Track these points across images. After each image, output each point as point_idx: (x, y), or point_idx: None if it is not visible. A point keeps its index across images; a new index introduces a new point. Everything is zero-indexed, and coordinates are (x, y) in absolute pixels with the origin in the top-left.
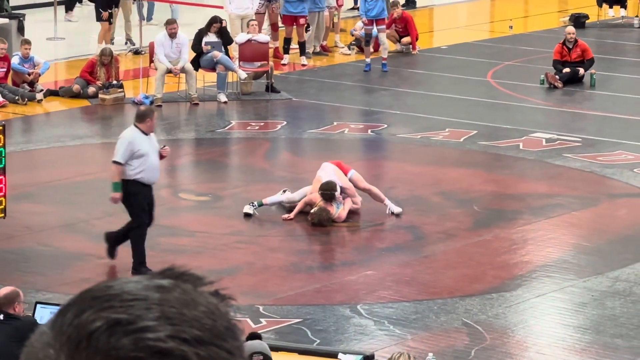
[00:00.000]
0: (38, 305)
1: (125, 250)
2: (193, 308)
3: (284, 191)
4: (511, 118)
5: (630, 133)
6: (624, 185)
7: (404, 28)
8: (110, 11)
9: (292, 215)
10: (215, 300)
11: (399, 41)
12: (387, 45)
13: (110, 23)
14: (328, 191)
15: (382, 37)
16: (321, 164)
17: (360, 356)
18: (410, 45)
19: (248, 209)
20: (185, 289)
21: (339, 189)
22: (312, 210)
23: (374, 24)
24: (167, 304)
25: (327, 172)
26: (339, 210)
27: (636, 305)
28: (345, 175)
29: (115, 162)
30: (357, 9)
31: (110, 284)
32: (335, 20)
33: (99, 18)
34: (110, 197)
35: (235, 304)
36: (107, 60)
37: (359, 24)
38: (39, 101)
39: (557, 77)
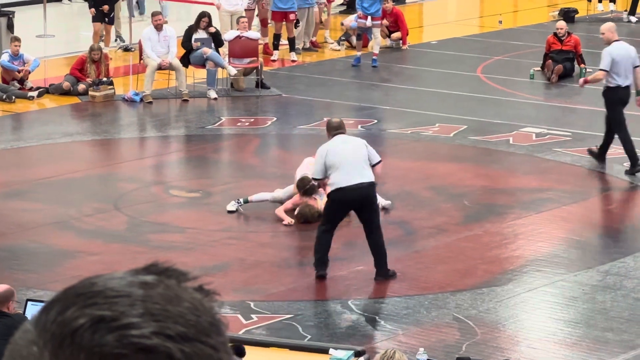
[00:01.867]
0: (29, 303)
1: (117, 247)
2: (177, 304)
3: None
4: (501, 113)
5: None
6: (613, 179)
7: (394, 23)
8: (100, 9)
9: (287, 220)
10: (199, 295)
11: (389, 36)
12: (380, 41)
13: (106, 22)
14: (304, 187)
15: (376, 31)
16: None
17: (351, 351)
18: (401, 41)
19: (232, 206)
20: (169, 285)
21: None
22: (296, 212)
23: (369, 19)
24: (151, 300)
25: (302, 168)
26: (323, 201)
27: (626, 299)
28: None
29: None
30: (346, 4)
31: (93, 280)
32: (325, 16)
33: (93, 18)
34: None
35: (220, 299)
36: (97, 56)
37: (351, 17)
38: (31, 97)
39: (552, 67)
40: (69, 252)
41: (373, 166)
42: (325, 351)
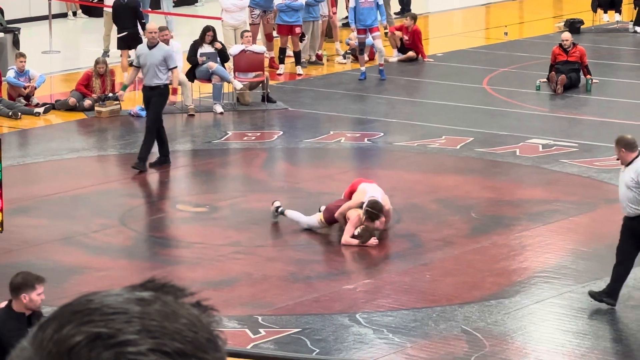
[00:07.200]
0: None
1: (124, 263)
2: (174, 320)
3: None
4: (507, 124)
5: None
6: None
7: (411, 40)
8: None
9: (372, 241)
10: (197, 311)
11: (398, 48)
12: (384, 52)
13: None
14: (375, 212)
15: (378, 43)
16: (317, 172)
17: None
18: (419, 56)
19: (277, 204)
20: (166, 301)
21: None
22: (356, 232)
23: (368, 32)
24: (148, 316)
25: (375, 192)
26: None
27: (635, 310)
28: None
29: None
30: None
31: (90, 297)
32: (334, 26)
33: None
34: None
35: (219, 314)
36: (102, 69)
37: (354, 33)
38: (37, 114)
39: (556, 78)
40: (76, 268)
41: None
42: None
